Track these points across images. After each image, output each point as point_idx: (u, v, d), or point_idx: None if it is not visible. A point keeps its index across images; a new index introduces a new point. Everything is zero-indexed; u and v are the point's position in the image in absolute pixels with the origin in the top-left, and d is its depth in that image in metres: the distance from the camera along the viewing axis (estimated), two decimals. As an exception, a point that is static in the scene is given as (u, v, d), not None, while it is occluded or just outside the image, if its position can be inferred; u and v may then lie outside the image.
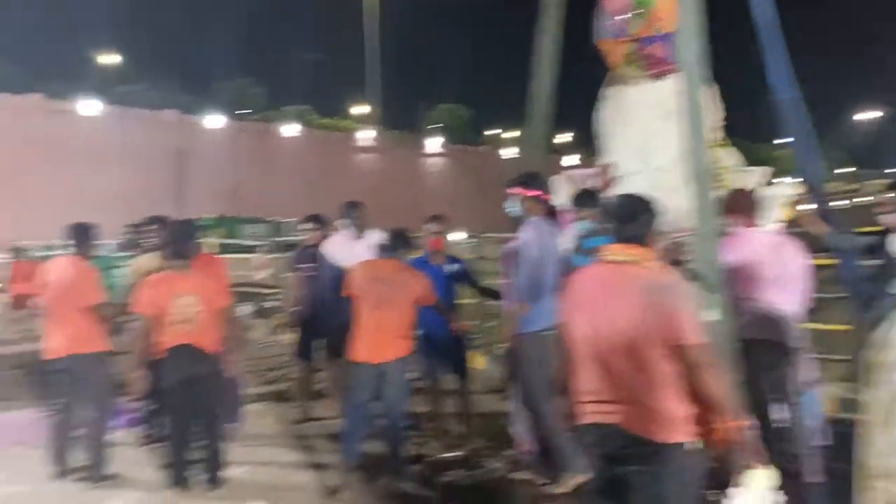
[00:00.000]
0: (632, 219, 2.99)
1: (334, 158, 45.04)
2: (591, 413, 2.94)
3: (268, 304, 11.82)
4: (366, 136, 49.15)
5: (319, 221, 6.66)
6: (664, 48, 4.91)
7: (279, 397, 7.31)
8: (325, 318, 6.35)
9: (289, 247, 9.46)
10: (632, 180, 5.03)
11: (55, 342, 5.16)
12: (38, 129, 33.69)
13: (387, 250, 5.17)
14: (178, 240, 5.16)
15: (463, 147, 54.45)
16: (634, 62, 5.15)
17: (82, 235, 5.33)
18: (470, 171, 51.17)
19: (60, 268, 5.26)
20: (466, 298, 6.98)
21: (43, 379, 5.46)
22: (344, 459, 5.09)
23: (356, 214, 6.33)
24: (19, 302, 12.26)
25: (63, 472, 5.21)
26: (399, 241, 5.15)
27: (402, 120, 53.44)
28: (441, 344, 5.75)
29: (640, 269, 2.91)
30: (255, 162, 40.76)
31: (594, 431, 2.93)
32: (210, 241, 16.96)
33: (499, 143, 58.85)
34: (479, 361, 6.30)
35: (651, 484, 2.78)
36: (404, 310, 4.98)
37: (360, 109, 53.61)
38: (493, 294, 5.99)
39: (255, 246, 20.43)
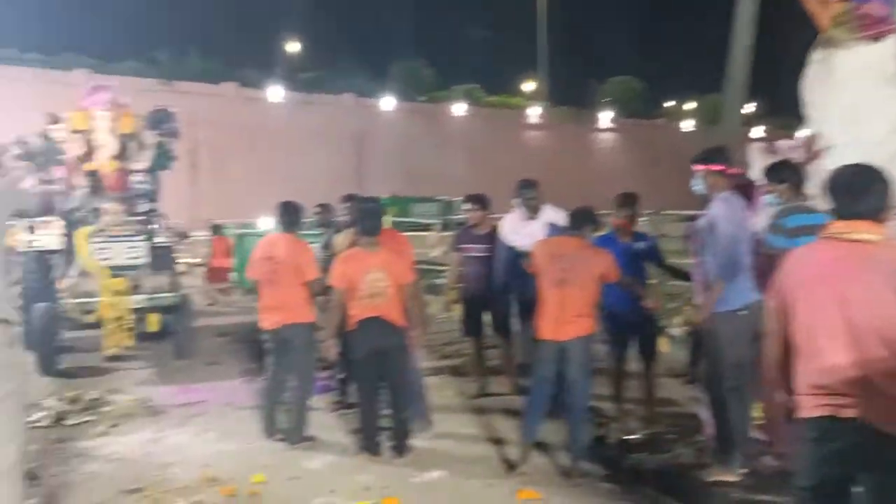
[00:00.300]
0: (865, 192, 2.66)
1: (503, 136, 45.07)
2: (821, 405, 2.67)
3: (440, 281, 12.11)
4: (534, 112, 48.81)
5: (480, 201, 6.56)
6: (882, 7, 4.47)
7: (455, 371, 7.47)
8: (493, 296, 6.39)
9: (459, 224, 9.61)
10: (840, 152, 4.63)
11: (272, 313, 5.50)
12: (233, 115, 36.31)
13: (571, 228, 5.08)
14: (366, 217, 5.37)
15: (636, 121, 52.50)
16: (846, 23, 4.72)
17: (293, 213, 5.65)
18: (644, 146, 49.32)
19: (275, 244, 5.59)
20: (652, 278, 6.75)
21: (259, 347, 5.89)
22: (524, 435, 5.10)
23: (530, 193, 6.24)
24: (216, 275, 13.22)
25: (267, 433, 5.60)
26: (584, 219, 5.02)
27: (572, 95, 52.49)
28: (628, 323, 5.61)
29: (886, 248, 2.61)
30: (426, 142, 41.65)
31: (823, 426, 2.67)
32: (385, 219, 17.58)
33: (677, 115, 56.27)
34: (663, 344, 6.07)
35: (893, 484, 2.54)
36: (586, 287, 4.86)
37: (530, 86, 53.31)
38: (682, 273, 5.72)
39: (428, 224, 20.93)
